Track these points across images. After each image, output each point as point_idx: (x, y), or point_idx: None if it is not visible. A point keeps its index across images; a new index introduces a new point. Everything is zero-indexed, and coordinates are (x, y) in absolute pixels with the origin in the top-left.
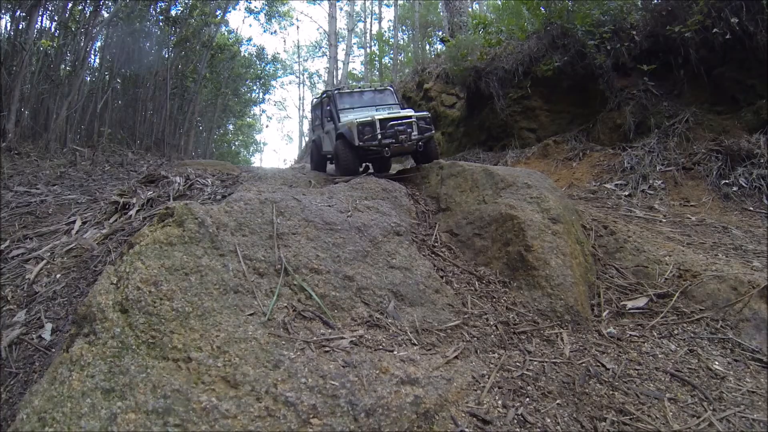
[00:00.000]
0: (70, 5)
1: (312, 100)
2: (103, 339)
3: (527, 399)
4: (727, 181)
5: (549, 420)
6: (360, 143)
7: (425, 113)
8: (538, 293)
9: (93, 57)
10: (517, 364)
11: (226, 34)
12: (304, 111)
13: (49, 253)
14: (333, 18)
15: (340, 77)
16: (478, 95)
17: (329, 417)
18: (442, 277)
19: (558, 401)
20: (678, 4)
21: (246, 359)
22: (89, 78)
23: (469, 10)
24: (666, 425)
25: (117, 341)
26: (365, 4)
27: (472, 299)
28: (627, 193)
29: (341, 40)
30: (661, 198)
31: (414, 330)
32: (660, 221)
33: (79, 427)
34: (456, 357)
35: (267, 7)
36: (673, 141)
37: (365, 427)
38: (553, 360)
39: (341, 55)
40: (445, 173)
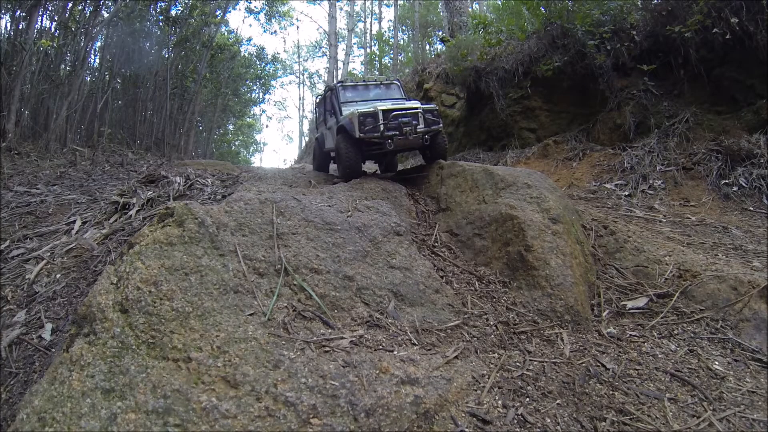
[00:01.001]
0: (70, 5)
1: (316, 97)
2: (103, 339)
3: (527, 399)
4: (727, 181)
5: (549, 420)
6: (361, 135)
7: (432, 106)
8: (538, 293)
9: (93, 57)
10: (517, 364)
11: (226, 34)
12: (304, 111)
13: (49, 253)
14: (333, 18)
15: (340, 77)
16: (478, 95)
17: (329, 417)
18: (442, 277)
19: (558, 401)
20: (678, 4)
21: (246, 359)
22: (89, 78)
23: (469, 10)
24: (666, 425)
25: (117, 341)
26: (365, 4)
27: (472, 299)
28: (627, 193)
29: (341, 40)
30: (661, 198)
31: (414, 330)
32: (660, 221)
33: (79, 427)
34: (456, 357)
35: (267, 7)
36: (673, 141)
37: (365, 427)
38: (553, 360)
39: (341, 55)
40: (445, 173)
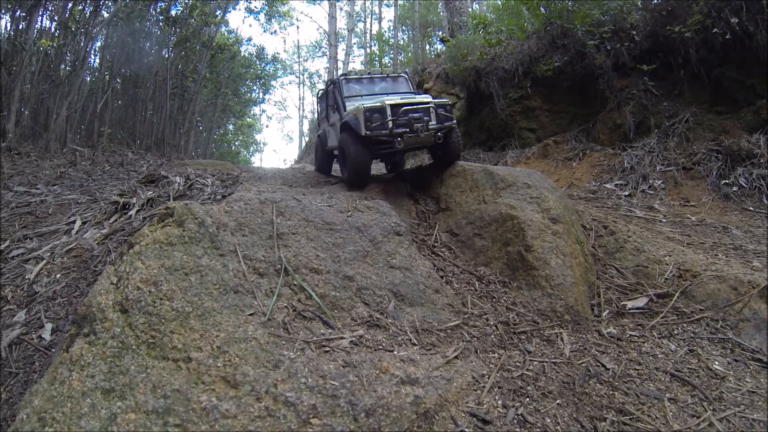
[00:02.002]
0: (70, 5)
1: (317, 91)
2: (103, 339)
3: (527, 399)
4: (727, 181)
5: (549, 420)
6: (367, 132)
7: (445, 100)
8: (538, 293)
9: (93, 57)
10: (517, 364)
11: (226, 34)
12: (304, 111)
13: (49, 253)
14: (333, 18)
15: None
16: (478, 95)
17: (329, 417)
18: (442, 277)
19: (558, 401)
20: (678, 4)
21: (246, 359)
22: (89, 78)
23: (469, 10)
24: (666, 425)
25: (117, 341)
26: (365, 4)
27: (472, 299)
28: (627, 193)
29: (341, 40)
30: (661, 198)
31: (414, 330)
32: (660, 221)
33: (79, 427)
34: (456, 357)
35: (267, 7)
36: (673, 141)
37: (365, 427)
38: (553, 360)
39: (341, 55)
40: (445, 173)
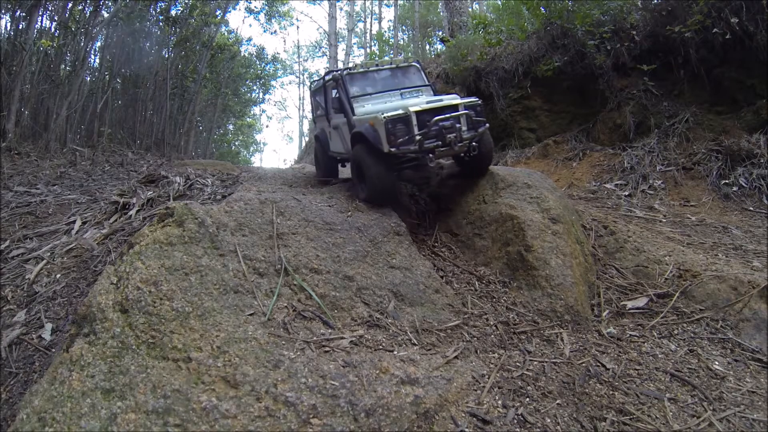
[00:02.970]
0: (70, 5)
1: (310, 83)
2: (103, 339)
3: (527, 399)
4: (727, 181)
5: (549, 420)
6: (392, 149)
7: (475, 100)
8: (538, 293)
9: (93, 57)
10: (517, 364)
11: (226, 34)
12: (304, 111)
13: (49, 253)
14: (333, 18)
15: None
16: (478, 95)
17: (329, 417)
18: (442, 277)
19: (558, 401)
20: (678, 4)
21: (246, 359)
22: (89, 78)
23: (469, 10)
24: (666, 425)
25: (117, 341)
26: (365, 4)
27: (472, 299)
28: (627, 193)
29: (341, 40)
30: (661, 198)
31: (414, 330)
32: (660, 221)
33: (79, 427)
34: (456, 357)
35: (267, 7)
36: (673, 141)
37: (365, 427)
38: (553, 360)
39: (341, 55)
40: (445, 173)
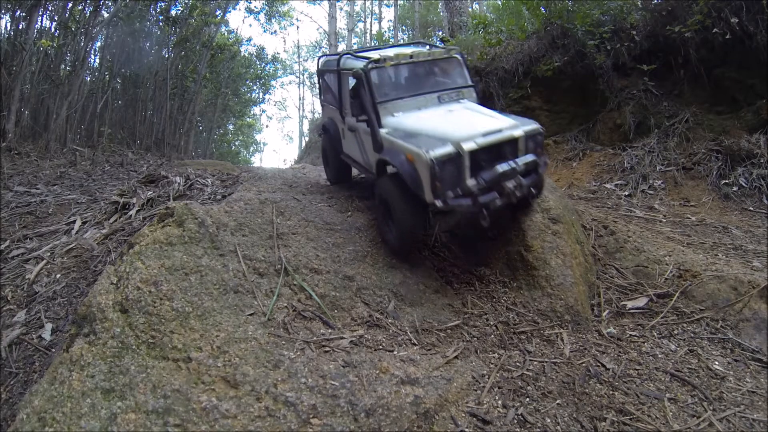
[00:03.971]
0: (70, 5)
1: (318, 59)
2: (103, 339)
3: (527, 399)
4: (727, 181)
5: (549, 420)
6: (438, 203)
7: (535, 126)
8: (538, 293)
9: (93, 57)
10: (517, 364)
11: (226, 34)
12: (303, 111)
13: (49, 253)
14: (333, 18)
15: None
16: (477, 95)
17: (329, 417)
18: (442, 277)
19: (558, 401)
20: (678, 4)
21: (246, 359)
22: (89, 78)
23: (469, 10)
24: (666, 425)
25: (117, 341)
26: (365, 4)
27: (472, 299)
28: (627, 193)
29: (341, 40)
30: (661, 198)
31: (414, 330)
32: (660, 221)
33: (79, 427)
34: (456, 357)
35: (267, 7)
36: (673, 141)
37: (365, 427)
38: (553, 360)
39: None
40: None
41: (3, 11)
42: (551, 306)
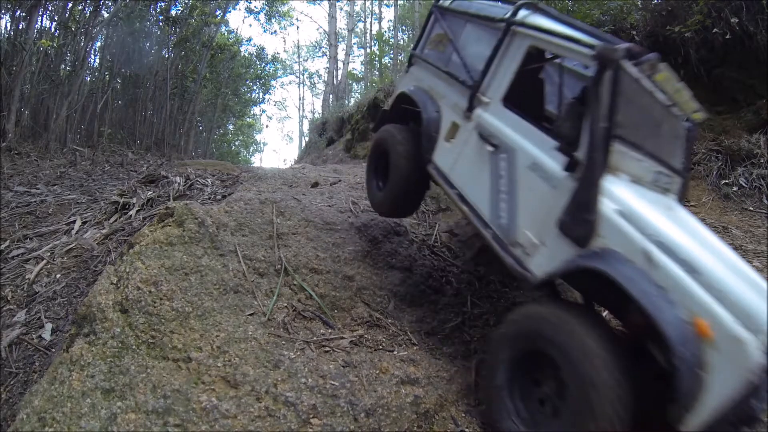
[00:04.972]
0: (70, 5)
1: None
2: (103, 339)
3: None
4: (727, 181)
5: None
6: None
7: None
8: (537, 293)
9: (93, 57)
10: None
11: (226, 34)
12: (303, 111)
13: (49, 253)
14: (333, 18)
15: (340, 77)
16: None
17: (329, 417)
18: (442, 277)
19: None
20: (678, 4)
21: (246, 359)
22: (89, 78)
23: None
24: None
25: (117, 341)
26: (365, 4)
27: (472, 299)
28: None
29: (341, 40)
30: None
31: (414, 330)
32: None
33: (79, 427)
34: (456, 357)
35: (267, 7)
36: None
37: (365, 427)
38: None
39: (341, 55)
40: None
41: (3, 11)
42: None
